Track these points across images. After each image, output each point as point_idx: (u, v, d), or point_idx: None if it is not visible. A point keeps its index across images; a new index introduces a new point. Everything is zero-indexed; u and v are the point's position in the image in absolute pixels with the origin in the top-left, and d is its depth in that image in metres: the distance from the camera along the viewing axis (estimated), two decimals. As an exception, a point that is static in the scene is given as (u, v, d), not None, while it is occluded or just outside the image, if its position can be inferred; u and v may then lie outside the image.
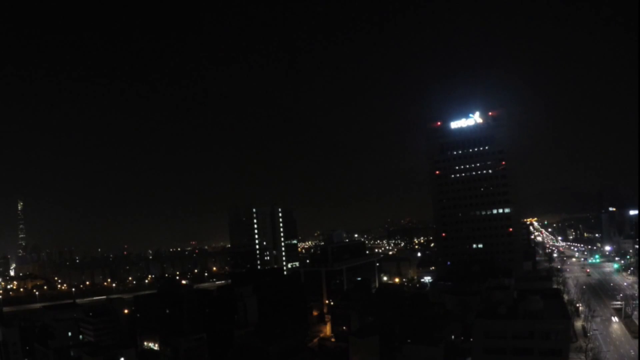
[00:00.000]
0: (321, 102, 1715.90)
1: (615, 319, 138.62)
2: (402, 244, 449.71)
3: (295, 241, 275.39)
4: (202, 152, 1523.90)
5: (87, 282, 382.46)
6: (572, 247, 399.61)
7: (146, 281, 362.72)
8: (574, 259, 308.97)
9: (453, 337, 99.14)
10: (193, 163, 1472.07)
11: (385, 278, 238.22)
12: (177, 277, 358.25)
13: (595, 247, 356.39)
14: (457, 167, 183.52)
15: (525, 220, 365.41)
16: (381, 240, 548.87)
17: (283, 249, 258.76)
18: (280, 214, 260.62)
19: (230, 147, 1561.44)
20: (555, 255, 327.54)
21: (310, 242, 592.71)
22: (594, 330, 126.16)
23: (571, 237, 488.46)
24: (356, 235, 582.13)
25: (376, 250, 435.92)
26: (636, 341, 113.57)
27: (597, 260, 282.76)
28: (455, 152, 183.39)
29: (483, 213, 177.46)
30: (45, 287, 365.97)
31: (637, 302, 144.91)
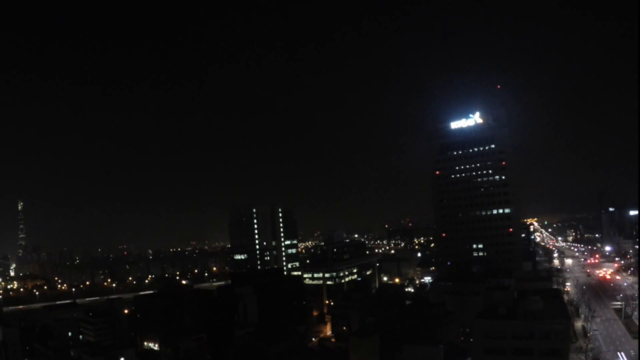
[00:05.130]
0: (321, 102, 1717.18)
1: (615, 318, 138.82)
2: (402, 244, 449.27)
3: (295, 241, 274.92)
4: (202, 152, 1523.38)
5: (87, 282, 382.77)
6: (572, 248, 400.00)
7: (146, 281, 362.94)
8: (574, 259, 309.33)
9: (453, 337, 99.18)
10: (193, 163, 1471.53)
11: (385, 278, 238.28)
12: (177, 277, 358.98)
13: (595, 248, 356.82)
14: (457, 167, 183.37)
15: (525, 220, 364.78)
16: (381, 240, 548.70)
17: (283, 249, 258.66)
18: (280, 214, 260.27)
19: (231, 147, 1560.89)
20: (555, 255, 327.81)
21: (310, 242, 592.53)
22: (594, 330, 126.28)
23: (571, 238, 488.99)
24: (356, 235, 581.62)
25: (376, 250, 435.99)
26: (636, 341, 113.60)
27: None
28: (455, 152, 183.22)
29: (483, 213, 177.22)
30: (45, 287, 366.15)
31: (637, 302, 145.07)
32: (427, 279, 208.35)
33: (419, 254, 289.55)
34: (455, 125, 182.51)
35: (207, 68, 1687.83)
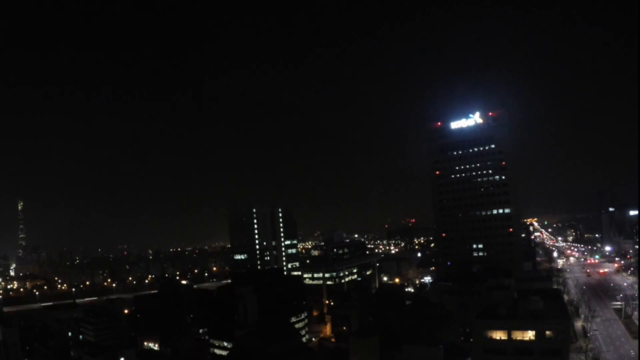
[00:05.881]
0: (321, 102, 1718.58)
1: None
2: (402, 244, 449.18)
3: (295, 241, 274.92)
4: (202, 152, 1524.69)
5: (87, 282, 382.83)
6: (572, 248, 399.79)
7: (146, 281, 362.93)
8: (573, 259, 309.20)
9: (453, 337, 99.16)
10: (193, 163, 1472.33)
11: (385, 278, 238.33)
12: (177, 277, 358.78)
13: (595, 248, 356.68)
14: (457, 167, 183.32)
15: (525, 220, 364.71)
16: (381, 240, 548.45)
17: (283, 249, 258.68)
18: (280, 214, 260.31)
19: (231, 147, 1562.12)
20: (555, 255, 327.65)
21: (310, 242, 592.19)
22: (594, 330, 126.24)
23: (571, 238, 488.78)
24: (356, 235, 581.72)
25: (376, 250, 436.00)
26: (636, 341, 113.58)
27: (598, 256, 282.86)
28: (455, 152, 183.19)
29: (483, 213, 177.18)
30: (45, 287, 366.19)
31: (637, 302, 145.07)
32: (427, 279, 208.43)
33: (419, 254, 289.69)
34: (455, 125, 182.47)
35: (207, 69, 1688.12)
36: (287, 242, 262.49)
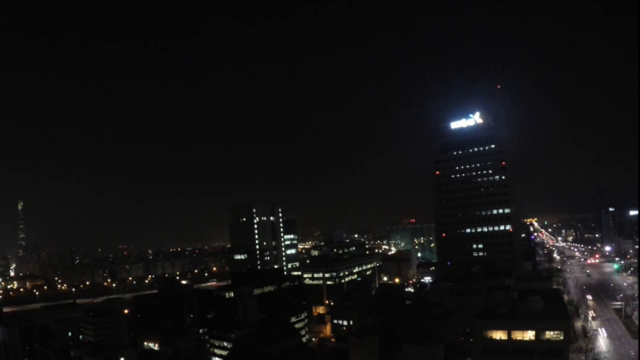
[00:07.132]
0: (322, 102, 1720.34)
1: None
2: (402, 244, 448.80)
3: (295, 241, 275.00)
4: (202, 152, 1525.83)
5: (87, 282, 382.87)
6: (572, 248, 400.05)
7: (146, 281, 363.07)
8: (574, 259, 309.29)
9: (453, 337, 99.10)
10: (193, 163, 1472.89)
11: (385, 278, 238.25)
12: (177, 277, 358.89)
13: (595, 248, 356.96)
14: (457, 167, 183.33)
15: (525, 220, 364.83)
16: (381, 240, 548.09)
17: (283, 249, 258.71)
18: (280, 214, 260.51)
19: (231, 147, 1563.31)
20: (555, 255, 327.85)
21: (310, 242, 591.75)
22: (594, 330, 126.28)
23: (571, 238, 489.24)
24: (356, 235, 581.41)
25: (376, 250, 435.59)
26: (636, 341, 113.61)
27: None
28: (455, 152, 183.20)
29: (483, 213, 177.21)
30: (45, 287, 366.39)
31: (637, 302, 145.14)
32: (427, 279, 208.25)
33: (419, 254, 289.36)
34: (455, 125, 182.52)
35: (208, 68, 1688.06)
36: (287, 242, 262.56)
